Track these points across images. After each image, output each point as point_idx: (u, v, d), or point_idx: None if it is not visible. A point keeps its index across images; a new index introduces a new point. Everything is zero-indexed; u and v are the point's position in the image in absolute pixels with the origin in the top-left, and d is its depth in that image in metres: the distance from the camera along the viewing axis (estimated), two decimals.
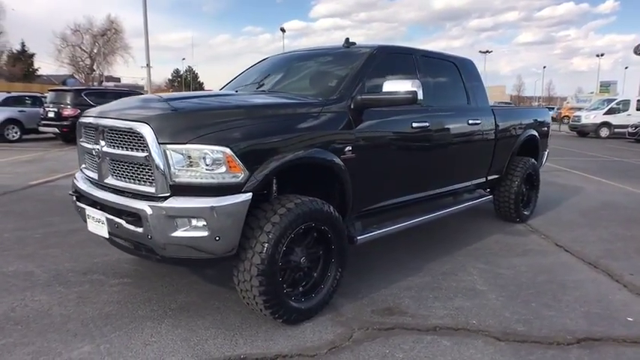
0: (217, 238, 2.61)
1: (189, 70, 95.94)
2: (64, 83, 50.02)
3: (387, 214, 3.98)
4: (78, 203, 3.23)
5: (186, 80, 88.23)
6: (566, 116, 30.56)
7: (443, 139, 4.21)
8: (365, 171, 3.41)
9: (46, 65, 72.47)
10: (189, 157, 2.60)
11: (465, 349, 2.76)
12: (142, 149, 2.68)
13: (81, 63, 64.02)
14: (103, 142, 2.95)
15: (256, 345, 2.75)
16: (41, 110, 14.77)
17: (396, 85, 3.32)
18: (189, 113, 2.81)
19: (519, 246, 4.82)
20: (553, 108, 39.09)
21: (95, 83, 58.58)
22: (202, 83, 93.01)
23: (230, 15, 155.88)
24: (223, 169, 2.61)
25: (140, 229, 2.68)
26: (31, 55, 55.96)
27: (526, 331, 2.99)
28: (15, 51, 54.26)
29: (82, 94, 14.42)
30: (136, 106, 3.01)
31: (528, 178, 5.84)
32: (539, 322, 3.12)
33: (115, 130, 2.84)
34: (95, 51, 63.63)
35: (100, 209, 2.97)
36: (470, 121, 4.55)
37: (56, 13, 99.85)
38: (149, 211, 2.61)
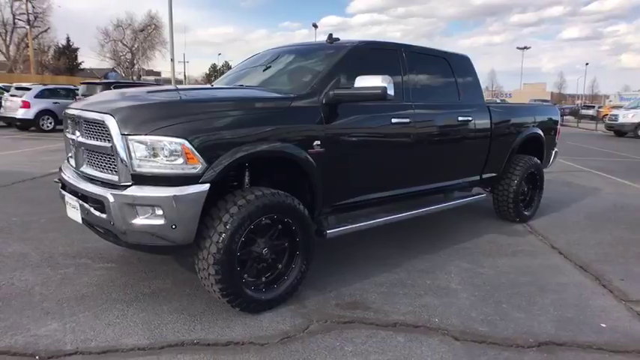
0: (174, 227, 2.70)
1: (226, 65, 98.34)
2: (105, 77, 51.81)
3: (366, 210, 3.98)
4: (60, 190, 3.40)
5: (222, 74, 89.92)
6: (606, 115, 29.25)
7: (427, 135, 4.16)
8: (336, 165, 3.43)
9: (89, 59, 75.25)
10: (149, 147, 2.69)
11: (417, 346, 2.75)
12: (107, 139, 2.80)
13: (122, 57, 66.16)
14: (78, 133, 3.10)
15: (212, 331, 2.84)
16: (73, 102, 15.44)
17: (368, 81, 3.32)
18: (152, 106, 2.91)
19: (511, 246, 4.71)
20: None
21: (135, 77, 60.40)
22: None
23: (268, 10, 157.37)
24: (181, 160, 2.70)
25: (104, 216, 2.81)
26: (75, 50, 58.29)
27: (487, 332, 2.95)
28: (61, 45, 56.72)
29: (111, 87, 14.95)
30: (109, 100, 3.14)
31: (531, 177, 5.68)
32: (504, 324, 3.06)
33: (88, 121, 2.98)
34: (136, 46, 65.54)
35: (75, 196, 3.12)
36: (459, 118, 4.48)
37: (100, 10, 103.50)
38: (111, 198, 2.73)
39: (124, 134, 2.70)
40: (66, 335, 2.73)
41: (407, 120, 3.91)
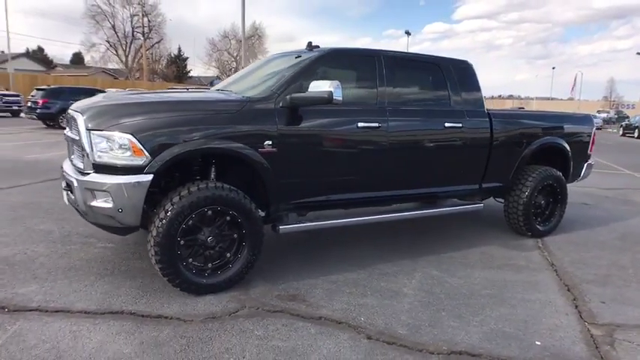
0: (120, 210, 3.12)
1: None
2: (211, 84, 56.20)
3: (337, 211, 4.12)
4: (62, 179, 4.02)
5: None
6: None
7: (402, 140, 4.17)
8: (290, 165, 3.62)
9: (196, 67, 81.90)
10: (106, 141, 3.14)
11: (323, 339, 2.86)
12: (78, 134, 3.31)
13: (227, 66, 71.14)
14: (68, 129, 3.68)
15: (152, 305, 3.20)
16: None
17: (319, 85, 3.48)
18: (112, 106, 3.36)
19: (503, 260, 4.50)
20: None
21: None
22: None
23: (373, 18, 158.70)
24: (129, 153, 3.11)
25: (73, 197, 3.32)
26: (185, 59, 64.05)
27: (404, 335, 2.96)
28: (172, 55, 62.65)
29: None
30: (92, 101, 3.66)
31: (550, 190, 5.33)
32: (428, 330, 3.04)
33: (71, 119, 3.53)
34: (240, 55, 70.00)
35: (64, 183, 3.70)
36: (447, 124, 4.40)
37: (212, 23, 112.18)
38: (75, 183, 3.23)
39: (89, 129, 3.18)
40: (37, 296, 3.27)
41: (376, 125, 3.98)
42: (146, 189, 3.13)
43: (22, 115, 21.31)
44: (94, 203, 3.18)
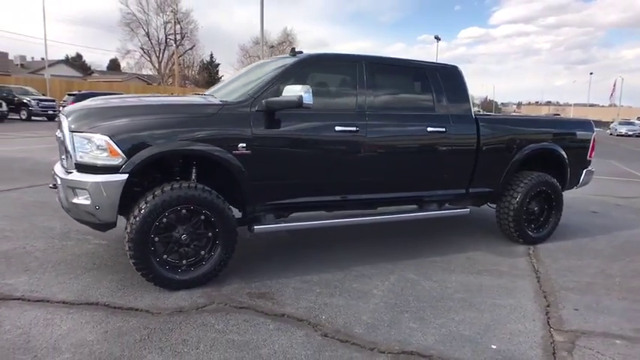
0: (97, 207, 3.32)
1: None
2: None
3: (318, 212, 4.22)
4: None
5: None
6: None
7: (381, 144, 4.23)
8: (265, 167, 3.75)
9: (227, 74, 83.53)
10: (86, 142, 3.35)
11: (279, 334, 2.96)
12: (63, 135, 3.54)
13: None
14: (58, 130, 3.92)
15: (126, 298, 3.38)
16: None
17: (291, 90, 3.60)
18: (93, 110, 3.56)
19: (487, 265, 4.48)
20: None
21: None
22: None
23: (407, 24, 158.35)
24: (106, 153, 3.31)
25: (58, 194, 3.55)
26: (217, 65, 65.48)
27: (359, 334, 3.02)
28: (205, 61, 64.22)
29: None
30: (78, 105, 3.89)
31: (544, 196, 5.25)
32: (385, 330, 3.09)
33: (59, 121, 3.77)
34: None
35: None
36: (429, 129, 4.43)
37: (245, 30, 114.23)
38: (59, 181, 3.46)
39: (71, 131, 3.40)
40: (23, 286, 3.51)
41: (354, 128, 4.05)
42: (121, 188, 3.32)
43: (56, 119, 22.36)
44: (75, 200, 3.39)
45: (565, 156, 5.35)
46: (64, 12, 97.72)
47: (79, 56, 62.24)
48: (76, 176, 3.38)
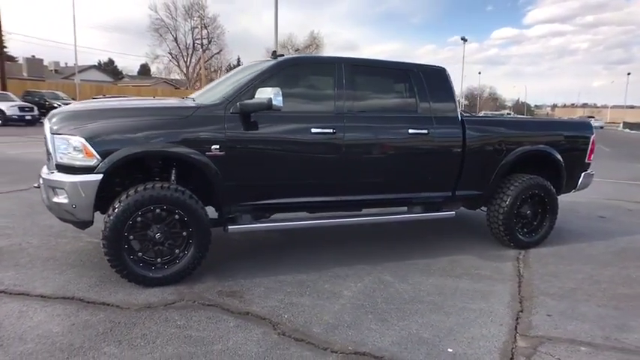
0: (74, 206, 3.47)
1: None
2: None
3: (297, 212, 4.28)
4: None
5: None
6: None
7: (359, 146, 4.24)
8: (239, 168, 3.82)
9: None
10: (65, 144, 3.51)
11: (237, 331, 3.03)
12: (46, 137, 3.71)
13: None
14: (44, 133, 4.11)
15: (101, 293, 3.51)
16: None
17: (263, 92, 3.67)
18: (75, 113, 3.73)
19: (470, 269, 4.42)
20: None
21: None
22: None
23: (438, 26, 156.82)
24: (82, 155, 3.46)
25: (41, 194, 3.73)
26: None
27: (316, 334, 3.05)
28: (232, 65, 65.28)
29: None
30: (62, 108, 4.05)
31: (538, 200, 5.14)
32: (344, 330, 3.11)
33: (44, 124, 3.96)
34: None
35: None
36: (411, 131, 4.41)
37: (270, 31, 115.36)
38: (41, 181, 3.64)
39: (52, 133, 3.57)
40: (9, 280, 3.69)
41: (331, 130, 4.09)
42: (96, 187, 3.46)
43: None
44: (55, 199, 3.56)
45: (560, 159, 5.22)
46: (99, 20, 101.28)
47: (110, 61, 64.46)
48: (56, 176, 3.54)
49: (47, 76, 43.65)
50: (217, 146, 3.73)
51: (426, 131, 4.47)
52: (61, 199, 3.52)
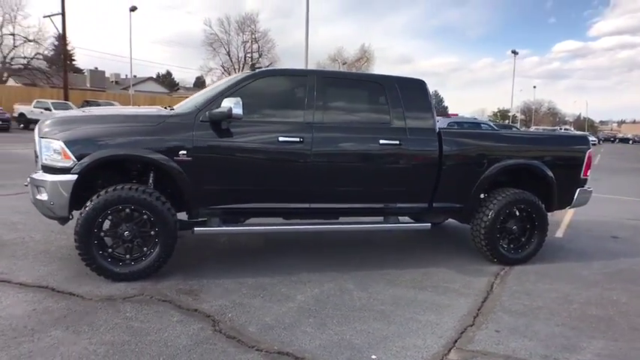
0: (52, 203, 3.82)
1: (435, 94, 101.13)
2: None
3: (274, 217, 4.46)
4: None
5: None
6: None
7: (328, 154, 4.34)
8: (205, 173, 4.04)
9: None
10: (49, 147, 3.89)
11: (177, 326, 3.21)
12: (35, 140, 4.11)
13: None
14: None
15: (72, 284, 3.82)
16: None
17: (226, 102, 3.89)
18: (59, 119, 4.09)
19: (440, 282, 4.38)
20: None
21: None
22: (447, 107, 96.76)
23: (496, 38, 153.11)
24: (60, 157, 3.81)
25: (29, 192, 4.13)
26: None
27: (250, 333, 3.18)
28: None
29: None
30: (53, 115, 4.45)
31: (525, 215, 5.00)
32: (278, 332, 3.22)
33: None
34: None
35: None
36: (382, 142, 4.46)
37: (325, 46, 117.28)
38: (28, 179, 4.02)
39: (40, 137, 3.96)
40: (2, 269, 4.09)
41: (297, 139, 4.23)
42: (71, 186, 3.79)
43: None
44: (38, 197, 3.93)
45: (550, 174, 5.05)
46: (162, 35, 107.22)
47: (168, 73, 67.90)
48: (40, 176, 3.92)
49: (108, 87, 46.84)
50: (185, 152, 3.97)
51: (397, 142, 4.50)
52: (43, 196, 3.89)
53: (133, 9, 33.33)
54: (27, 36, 33.58)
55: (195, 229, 4.15)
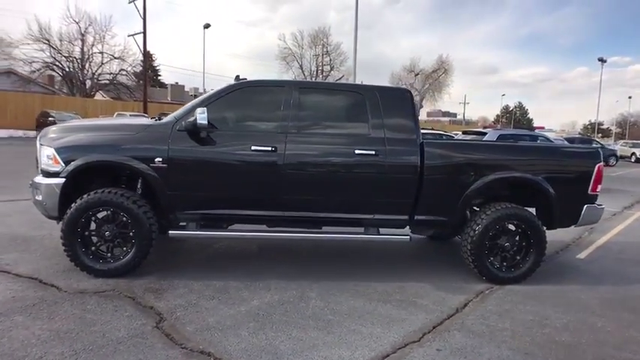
0: (45, 203, 4.28)
1: (519, 106, 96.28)
2: None
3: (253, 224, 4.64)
4: None
5: (515, 116, 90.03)
6: None
7: (301, 164, 4.40)
8: (179, 179, 4.29)
9: None
10: (46, 153, 4.37)
11: (123, 320, 3.45)
12: (37, 147, 4.62)
13: None
14: None
15: (57, 277, 4.23)
16: None
17: (196, 112, 4.12)
18: (56, 129, 4.56)
19: (410, 297, 4.25)
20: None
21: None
22: (532, 120, 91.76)
23: (590, 46, 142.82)
24: (52, 162, 4.27)
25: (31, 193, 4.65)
26: None
27: (186, 331, 3.34)
28: None
29: None
30: (54, 125, 4.95)
31: (521, 232, 4.71)
32: (211, 333, 3.34)
33: None
34: (425, 87, 70.30)
35: None
36: (357, 151, 4.44)
37: (397, 59, 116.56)
38: (30, 182, 4.54)
39: (40, 144, 4.46)
40: (7, 260, 4.63)
41: (270, 148, 4.35)
42: (59, 189, 4.22)
43: None
44: (36, 197, 4.42)
45: (549, 188, 4.70)
46: (241, 49, 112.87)
47: None
48: (38, 179, 4.41)
49: (186, 100, 50.17)
50: (160, 159, 4.26)
51: (374, 152, 4.46)
52: (39, 197, 4.36)
53: (207, 26, 35.60)
54: (113, 53, 37.04)
55: (170, 232, 4.41)
